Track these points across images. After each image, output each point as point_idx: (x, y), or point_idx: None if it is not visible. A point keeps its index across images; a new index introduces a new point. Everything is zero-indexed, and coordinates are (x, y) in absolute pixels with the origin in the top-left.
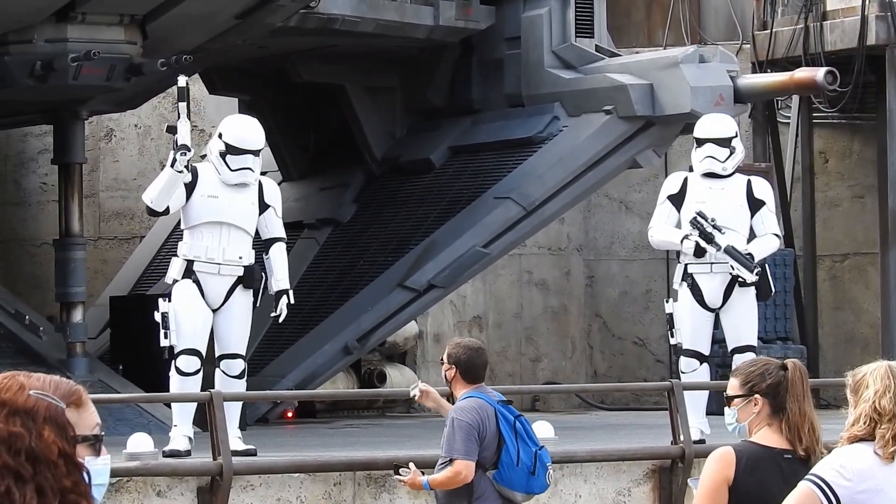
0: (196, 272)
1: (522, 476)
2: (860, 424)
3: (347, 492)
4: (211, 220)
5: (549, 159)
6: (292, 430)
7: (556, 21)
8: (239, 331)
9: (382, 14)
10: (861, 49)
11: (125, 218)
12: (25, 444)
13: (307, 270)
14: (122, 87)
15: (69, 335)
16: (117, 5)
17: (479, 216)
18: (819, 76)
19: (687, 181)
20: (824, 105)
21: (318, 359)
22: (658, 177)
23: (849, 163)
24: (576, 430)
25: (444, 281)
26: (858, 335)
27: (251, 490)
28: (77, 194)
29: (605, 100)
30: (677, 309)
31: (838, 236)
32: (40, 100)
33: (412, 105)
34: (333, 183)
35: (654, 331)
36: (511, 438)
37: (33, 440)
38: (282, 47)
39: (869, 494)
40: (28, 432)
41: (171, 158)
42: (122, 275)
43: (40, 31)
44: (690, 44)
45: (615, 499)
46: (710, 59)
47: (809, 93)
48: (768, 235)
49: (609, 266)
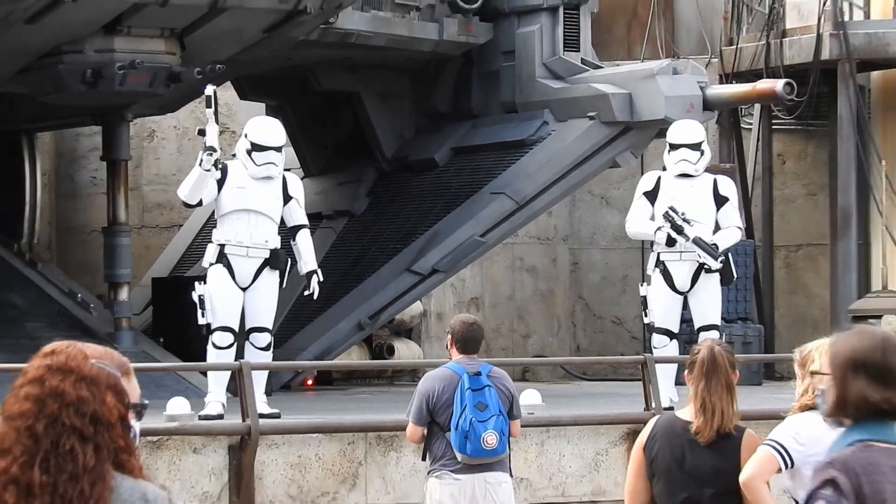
0: (227, 255)
1: (459, 439)
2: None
3: (360, 450)
4: (239, 208)
5: (539, 159)
6: (312, 396)
7: (546, 37)
8: (266, 307)
9: (393, 29)
10: (816, 63)
11: (165, 209)
12: (90, 408)
13: (325, 257)
14: (163, 92)
15: (116, 312)
16: (159, 20)
17: (476, 209)
18: (778, 87)
19: (660, 179)
20: (783, 113)
21: (334, 334)
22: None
23: (804, 164)
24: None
25: (446, 266)
26: (809, 317)
27: (275, 448)
28: (123, 187)
29: (589, 107)
30: (650, 292)
31: (793, 229)
32: (90, 104)
33: (419, 110)
34: (348, 179)
35: (630, 311)
36: (459, 406)
37: (97, 404)
38: (304, 58)
39: (819, 457)
40: (93, 397)
41: (199, 158)
42: (162, 259)
43: (91, 42)
44: (665, 58)
45: (594, 458)
46: (682, 71)
47: (770, 102)
48: (731, 228)
49: (591, 254)
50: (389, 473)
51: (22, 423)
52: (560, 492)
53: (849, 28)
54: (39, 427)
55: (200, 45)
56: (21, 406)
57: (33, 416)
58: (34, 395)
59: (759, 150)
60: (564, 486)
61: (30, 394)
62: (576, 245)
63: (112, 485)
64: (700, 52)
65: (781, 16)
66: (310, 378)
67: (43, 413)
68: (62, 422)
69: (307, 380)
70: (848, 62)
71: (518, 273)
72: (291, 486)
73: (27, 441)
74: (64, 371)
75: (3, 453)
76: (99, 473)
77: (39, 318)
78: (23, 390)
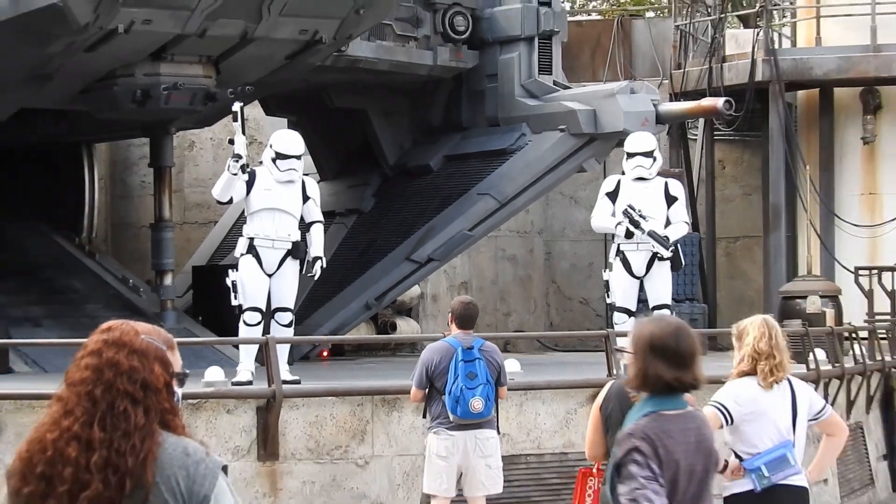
0: (256, 247)
1: (451, 402)
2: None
3: (367, 410)
4: (266, 207)
5: (518, 165)
6: (327, 366)
7: (523, 62)
8: (288, 291)
9: (395, 56)
10: (750, 84)
11: (203, 208)
12: (141, 375)
13: (338, 248)
14: (201, 109)
15: (162, 294)
16: (198, 49)
17: (465, 208)
18: (719, 104)
19: (620, 182)
20: (723, 126)
21: (346, 313)
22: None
23: (740, 169)
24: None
25: (440, 255)
26: (746, 297)
27: (296, 409)
28: (167, 190)
29: (560, 121)
30: (612, 277)
31: (732, 224)
32: (140, 119)
33: (416, 124)
34: (357, 182)
35: (595, 293)
36: (453, 374)
37: (146, 373)
38: (319, 80)
39: (754, 415)
40: (143, 367)
41: (228, 163)
42: (201, 250)
43: (140, 67)
44: (623, 80)
45: (565, 416)
46: (638, 91)
47: (712, 116)
48: (680, 223)
49: (562, 245)
50: (392, 430)
51: (83, 388)
52: (536, 445)
53: (778, 55)
54: (97, 392)
55: (232, 70)
56: (82, 374)
57: (92, 382)
58: (93, 365)
59: (703, 157)
60: (540, 440)
61: (89, 364)
62: (549, 237)
63: (159, 440)
64: (653, 74)
65: (721, 44)
66: (325, 350)
67: (100, 380)
68: (117, 387)
69: (323, 352)
70: (777, 83)
71: (500, 261)
72: (310, 440)
73: (87, 404)
74: (118, 345)
75: (67, 414)
76: (148, 431)
77: (97, 300)
78: (83, 361)
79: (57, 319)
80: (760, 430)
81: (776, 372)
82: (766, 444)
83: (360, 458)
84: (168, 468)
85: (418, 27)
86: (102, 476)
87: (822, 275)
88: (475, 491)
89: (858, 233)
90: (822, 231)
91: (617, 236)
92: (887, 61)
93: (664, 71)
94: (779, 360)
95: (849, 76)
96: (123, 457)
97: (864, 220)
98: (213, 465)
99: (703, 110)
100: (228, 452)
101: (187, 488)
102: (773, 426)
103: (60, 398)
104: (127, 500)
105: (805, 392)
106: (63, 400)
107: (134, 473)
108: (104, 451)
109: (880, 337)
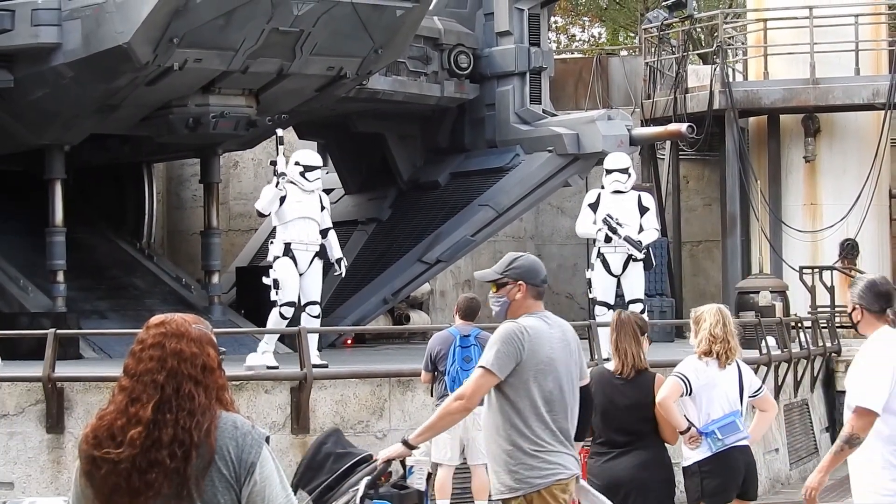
0: (292, 250)
1: (450, 382)
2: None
3: (385, 390)
4: (300, 216)
5: (513, 181)
6: (350, 352)
7: (517, 94)
8: (316, 287)
9: (408, 89)
10: (709, 112)
11: (245, 217)
12: (201, 360)
13: (360, 251)
14: (244, 134)
15: (210, 291)
16: (241, 83)
17: (468, 217)
18: (683, 129)
19: (600, 195)
20: (686, 147)
21: (367, 306)
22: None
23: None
24: None
25: (447, 257)
26: (707, 292)
27: (324, 389)
28: (215, 202)
29: (548, 143)
30: (593, 275)
31: (695, 230)
32: (192, 143)
33: (427, 145)
34: (377, 195)
35: (579, 289)
36: (451, 359)
37: (204, 357)
38: (344, 109)
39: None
40: (201, 352)
41: (275, 181)
42: (243, 253)
43: (192, 98)
44: (602, 108)
45: None
46: (614, 117)
47: (677, 139)
48: (651, 230)
49: (551, 248)
50: (406, 407)
51: (148, 378)
52: None
53: (732, 87)
54: (161, 378)
55: (271, 100)
56: (146, 365)
57: (156, 371)
58: (157, 356)
59: (670, 174)
60: None
61: (153, 355)
62: (539, 242)
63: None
64: (627, 103)
65: (684, 78)
66: (349, 338)
67: (164, 368)
68: (181, 372)
69: (347, 339)
70: (732, 111)
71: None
72: (336, 416)
73: (152, 391)
74: (177, 335)
75: (134, 401)
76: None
77: (155, 295)
78: (145, 353)
79: (120, 312)
80: (713, 400)
81: (730, 354)
82: (718, 412)
83: (379, 431)
84: (220, 439)
85: (428, 64)
86: (169, 451)
87: (772, 273)
88: (476, 459)
89: (802, 237)
90: (771, 236)
91: (598, 241)
92: (825, 92)
93: (636, 100)
94: (732, 345)
95: (792, 104)
96: (189, 432)
97: (807, 227)
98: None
99: (669, 134)
100: (266, 426)
101: (237, 456)
102: (725, 397)
103: (124, 388)
104: (192, 469)
105: (749, 373)
106: (126, 389)
107: (199, 445)
108: (170, 430)
109: (822, 326)
